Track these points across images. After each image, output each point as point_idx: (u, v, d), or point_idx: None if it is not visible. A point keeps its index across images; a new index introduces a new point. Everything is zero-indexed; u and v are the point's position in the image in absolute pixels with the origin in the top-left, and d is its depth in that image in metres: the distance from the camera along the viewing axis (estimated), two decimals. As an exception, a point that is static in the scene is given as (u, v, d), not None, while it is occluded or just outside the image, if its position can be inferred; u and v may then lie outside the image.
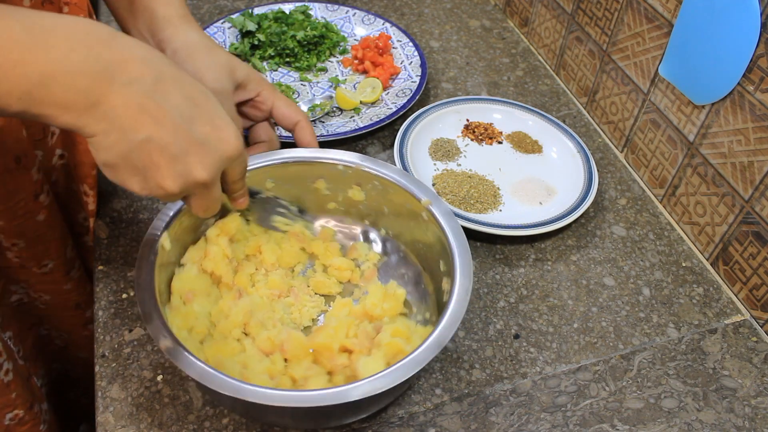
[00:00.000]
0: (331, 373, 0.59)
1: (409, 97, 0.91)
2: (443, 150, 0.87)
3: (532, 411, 0.63)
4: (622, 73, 0.87)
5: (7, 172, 0.64)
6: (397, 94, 0.94)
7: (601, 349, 0.68)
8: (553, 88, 1.01)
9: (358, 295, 0.69)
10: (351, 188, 0.69)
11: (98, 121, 0.44)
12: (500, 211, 0.80)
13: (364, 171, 0.67)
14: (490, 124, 0.91)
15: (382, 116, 0.88)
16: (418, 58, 0.98)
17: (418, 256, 0.68)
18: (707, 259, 0.78)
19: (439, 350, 0.52)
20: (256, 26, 1.00)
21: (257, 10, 1.03)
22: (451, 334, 0.53)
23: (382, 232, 0.71)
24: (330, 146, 0.71)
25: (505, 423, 0.62)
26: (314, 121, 0.89)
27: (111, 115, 0.44)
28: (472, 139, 0.89)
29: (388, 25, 1.04)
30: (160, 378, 0.62)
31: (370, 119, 0.89)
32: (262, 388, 0.49)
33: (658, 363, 0.68)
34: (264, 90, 0.69)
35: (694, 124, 0.76)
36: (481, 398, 0.63)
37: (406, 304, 0.65)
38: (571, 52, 0.97)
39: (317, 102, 0.91)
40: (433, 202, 0.64)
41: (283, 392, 0.49)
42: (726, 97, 0.70)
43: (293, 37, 0.98)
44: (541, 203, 0.82)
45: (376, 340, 0.59)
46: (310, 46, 1.00)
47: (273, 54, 0.99)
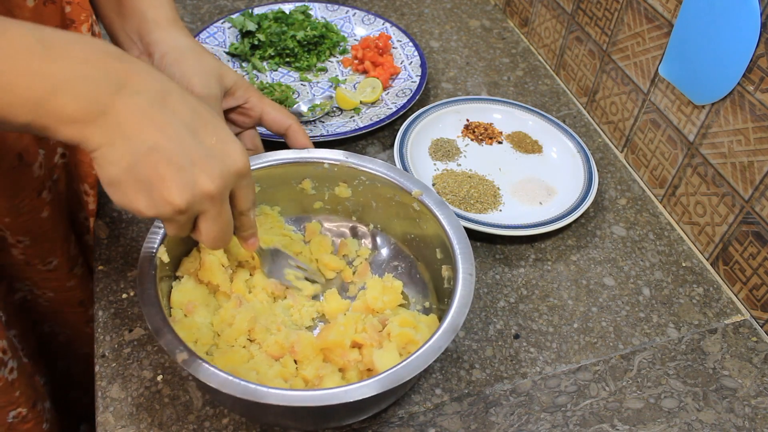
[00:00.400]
0: (343, 370, 0.59)
1: (409, 97, 0.91)
2: (443, 150, 0.87)
3: (532, 411, 0.63)
4: (622, 73, 0.87)
5: (11, 169, 0.64)
6: (397, 94, 0.94)
7: (601, 349, 0.68)
8: (553, 88, 1.01)
9: (354, 291, 0.69)
10: (338, 185, 0.69)
11: (104, 130, 0.45)
12: (500, 211, 0.80)
13: (350, 167, 0.67)
14: (490, 124, 0.91)
15: (382, 116, 0.88)
16: (418, 58, 0.98)
17: (410, 247, 0.69)
18: (707, 259, 0.78)
19: (455, 335, 0.53)
20: (256, 26, 1.00)
21: (257, 10, 1.03)
22: (463, 319, 0.54)
23: (370, 227, 0.72)
24: (330, 146, 0.71)
25: (505, 423, 0.62)
26: (314, 121, 0.89)
27: (116, 123, 0.45)
28: (472, 139, 0.89)
29: (388, 25, 1.04)
30: (160, 378, 0.62)
31: (370, 119, 0.89)
32: (309, 392, 0.49)
33: (658, 363, 0.68)
34: (252, 97, 0.69)
35: (694, 124, 0.76)
36: (481, 398, 0.63)
37: (403, 295, 0.66)
38: (571, 52, 0.97)
39: (317, 102, 0.91)
40: (424, 193, 0.65)
41: (329, 392, 0.49)
42: (726, 97, 0.70)
43: (293, 37, 0.98)
44: (541, 203, 0.82)
45: (384, 332, 0.60)
46: (310, 46, 1.00)
47: (273, 54, 0.99)
